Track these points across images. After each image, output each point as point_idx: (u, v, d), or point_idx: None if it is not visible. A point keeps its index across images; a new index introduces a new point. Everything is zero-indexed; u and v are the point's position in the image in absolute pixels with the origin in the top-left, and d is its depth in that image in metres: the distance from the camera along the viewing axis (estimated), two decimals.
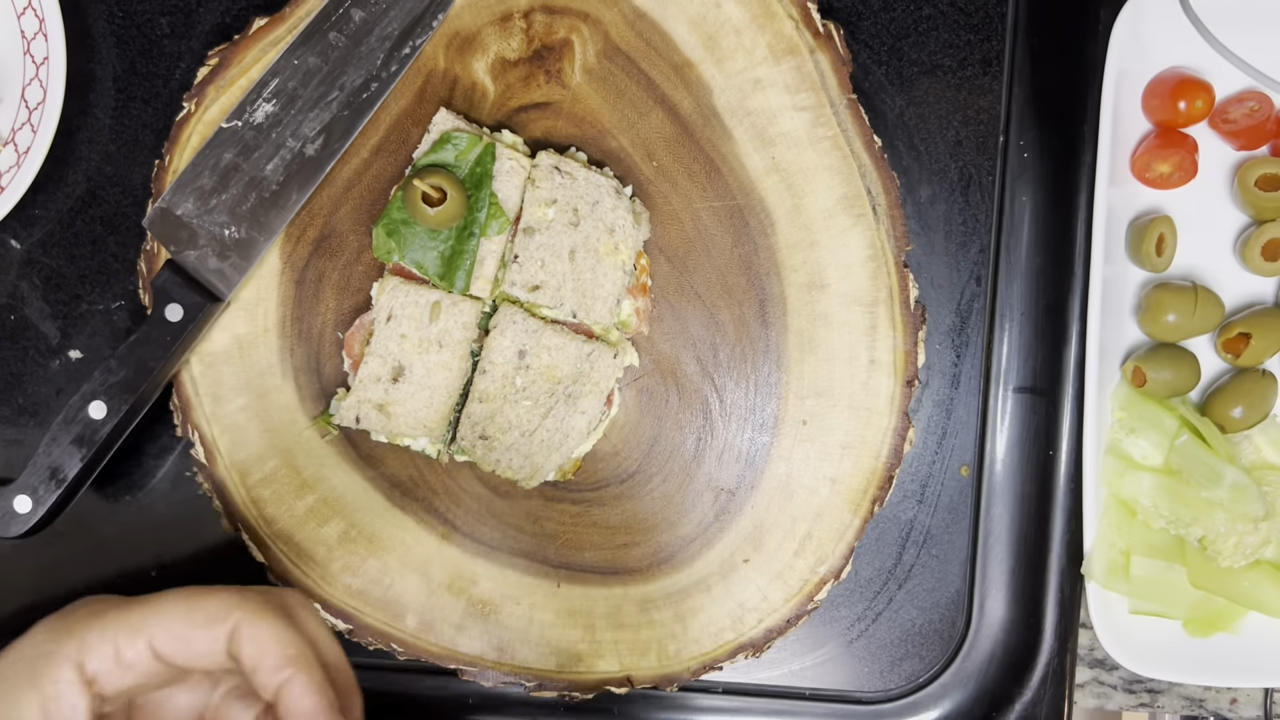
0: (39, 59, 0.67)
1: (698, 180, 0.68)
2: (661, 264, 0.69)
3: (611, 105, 0.68)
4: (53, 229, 0.71)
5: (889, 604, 0.72)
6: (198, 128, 0.67)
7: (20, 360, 0.71)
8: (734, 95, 0.67)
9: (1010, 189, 0.71)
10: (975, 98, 0.71)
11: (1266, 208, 0.69)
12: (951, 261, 0.71)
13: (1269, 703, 0.74)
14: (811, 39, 0.67)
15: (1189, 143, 0.70)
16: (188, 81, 0.69)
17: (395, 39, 0.65)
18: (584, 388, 0.65)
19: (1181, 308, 0.69)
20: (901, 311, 0.68)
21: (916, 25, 0.71)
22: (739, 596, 0.68)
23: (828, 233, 0.68)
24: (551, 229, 0.65)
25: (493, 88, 0.68)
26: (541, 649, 0.68)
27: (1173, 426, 0.70)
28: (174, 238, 0.65)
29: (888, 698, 0.72)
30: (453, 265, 0.65)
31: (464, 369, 0.66)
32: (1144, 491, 0.70)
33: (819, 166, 0.67)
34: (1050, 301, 0.71)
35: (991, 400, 0.71)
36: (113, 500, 0.71)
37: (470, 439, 0.66)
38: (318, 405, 0.68)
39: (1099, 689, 0.75)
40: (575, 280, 0.65)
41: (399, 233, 0.64)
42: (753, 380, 0.69)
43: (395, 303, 0.65)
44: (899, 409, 0.68)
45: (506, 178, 0.65)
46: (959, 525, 0.71)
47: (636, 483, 0.69)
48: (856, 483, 0.68)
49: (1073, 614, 0.71)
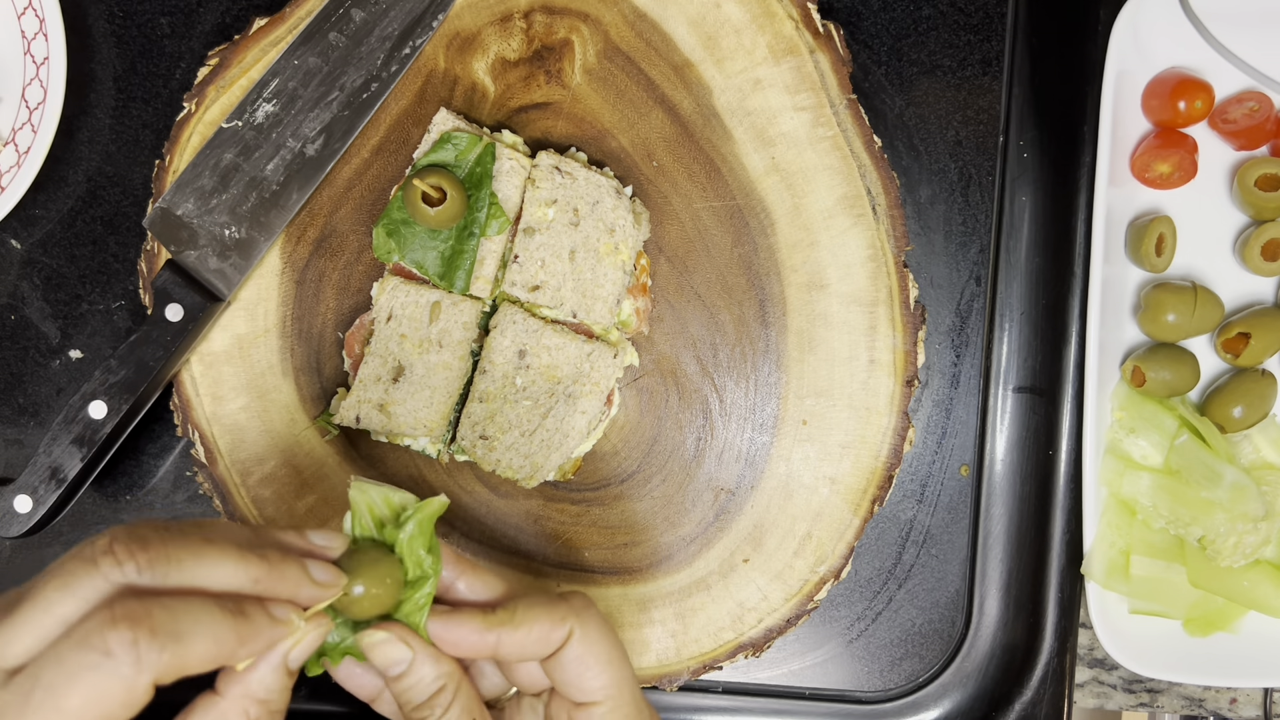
0: (39, 59, 0.67)
1: (698, 180, 0.68)
2: (661, 264, 0.69)
3: (611, 105, 0.68)
4: (53, 229, 0.71)
5: (889, 604, 0.72)
6: (198, 128, 0.67)
7: (20, 360, 0.71)
8: (734, 95, 0.67)
9: (1010, 189, 0.71)
10: (975, 98, 0.71)
11: (1266, 208, 0.69)
12: (951, 261, 0.71)
13: (1269, 703, 0.74)
14: (811, 39, 0.67)
15: (1189, 143, 0.70)
16: (188, 81, 0.69)
17: (395, 39, 0.65)
18: (584, 388, 0.65)
19: (1181, 308, 0.69)
20: (901, 311, 0.68)
21: (916, 25, 0.71)
22: (739, 596, 0.68)
23: (828, 233, 0.68)
24: (551, 229, 0.65)
25: (493, 88, 0.68)
26: None
27: (1172, 426, 0.70)
28: (174, 238, 0.65)
29: (887, 697, 0.72)
30: (453, 265, 0.65)
31: (464, 369, 0.66)
32: (1144, 491, 0.70)
33: (819, 166, 0.67)
34: (1050, 301, 0.71)
35: (991, 400, 0.71)
36: (113, 500, 0.71)
37: (470, 439, 0.66)
38: (318, 405, 0.69)
39: (1099, 689, 0.75)
40: (575, 280, 0.65)
41: (399, 233, 0.64)
42: (753, 380, 0.69)
43: (395, 303, 0.65)
44: (899, 409, 0.68)
45: (506, 178, 0.65)
46: (959, 525, 0.71)
47: (636, 483, 0.69)
48: (856, 482, 0.68)
49: (1073, 614, 0.71)
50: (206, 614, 0.42)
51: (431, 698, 0.48)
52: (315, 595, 0.45)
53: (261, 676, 0.45)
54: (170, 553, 0.43)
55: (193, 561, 0.43)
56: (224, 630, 0.42)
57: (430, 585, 0.48)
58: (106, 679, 0.40)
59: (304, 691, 0.72)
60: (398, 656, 0.48)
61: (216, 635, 0.42)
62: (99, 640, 0.40)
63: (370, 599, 0.47)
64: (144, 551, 0.42)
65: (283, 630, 0.45)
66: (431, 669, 0.48)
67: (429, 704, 0.48)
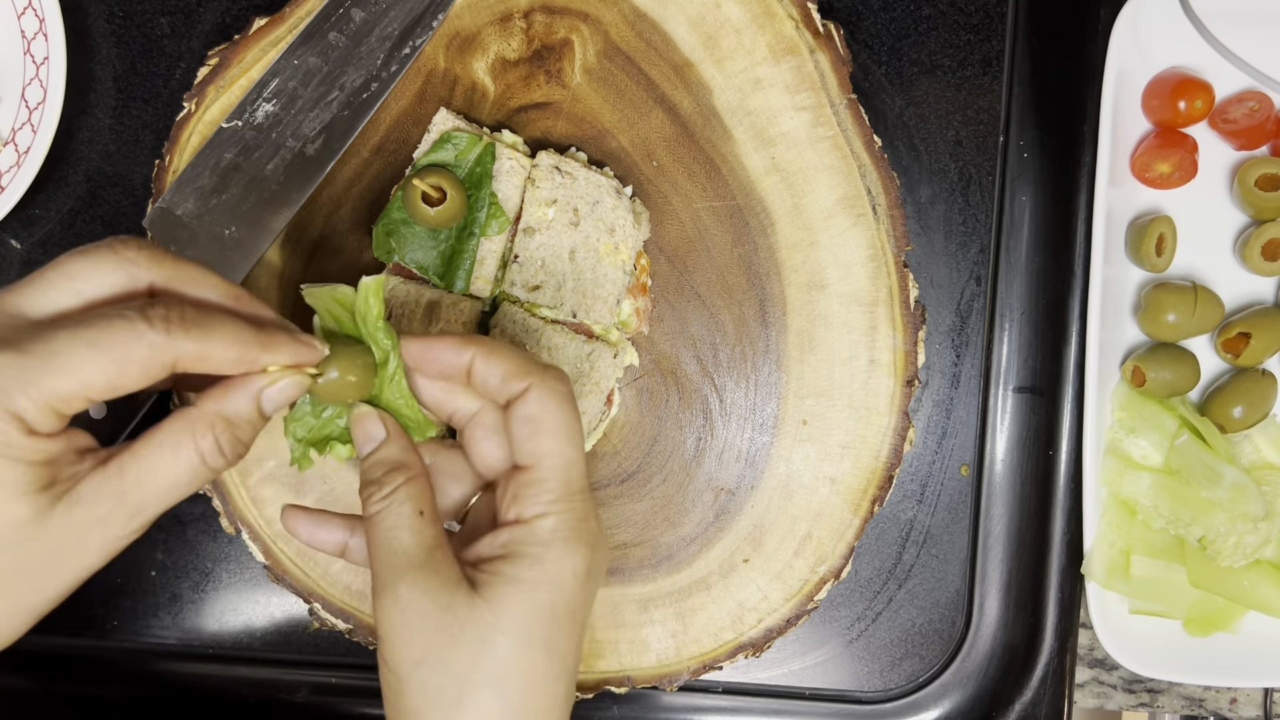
0: (39, 59, 0.67)
1: (698, 180, 0.68)
2: (661, 264, 0.69)
3: (611, 105, 0.68)
4: (53, 229, 0.71)
5: (889, 604, 0.72)
6: (198, 128, 0.67)
7: None
8: (734, 95, 0.67)
9: (1010, 189, 0.71)
10: (975, 98, 0.71)
11: (1266, 208, 0.69)
12: (951, 261, 0.71)
13: (1269, 703, 0.74)
14: (811, 39, 0.67)
15: (1189, 143, 0.70)
16: (188, 81, 0.69)
17: (395, 39, 0.65)
18: (584, 387, 0.65)
19: (1181, 307, 0.69)
20: (901, 311, 0.68)
21: (916, 25, 0.71)
22: (739, 596, 0.68)
23: (828, 233, 0.68)
24: (551, 229, 0.65)
25: (493, 88, 0.68)
26: None
27: (1172, 426, 0.70)
28: (174, 238, 0.65)
29: (888, 698, 0.72)
30: (453, 265, 0.65)
31: None
32: (1144, 491, 0.70)
33: (819, 166, 0.67)
34: (1050, 301, 0.71)
35: (991, 400, 0.71)
36: None
37: None
38: None
39: (1099, 689, 0.75)
40: (575, 280, 0.65)
41: (399, 233, 0.64)
42: (753, 380, 0.69)
43: (395, 302, 0.65)
44: (899, 409, 0.68)
45: (506, 178, 0.65)
46: (959, 525, 0.71)
47: (636, 483, 0.69)
48: (856, 482, 0.68)
49: (1073, 614, 0.71)
50: (231, 320, 0.45)
51: (384, 474, 0.49)
52: (302, 355, 0.48)
53: (236, 400, 0.46)
54: (182, 270, 0.46)
55: (203, 283, 0.46)
56: (246, 334, 0.45)
57: (394, 358, 0.50)
58: (134, 341, 0.42)
59: (303, 693, 0.72)
60: (374, 432, 0.50)
61: (238, 337, 0.45)
62: (133, 312, 0.43)
63: (346, 384, 0.49)
64: (163, 258, 0.46)
65: (304, 350, 0.47)
66: (396, 452, 0.50)
67: (379, 481, 0.49)
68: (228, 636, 0.72)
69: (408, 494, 0.49)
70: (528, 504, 0.48)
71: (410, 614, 0.46)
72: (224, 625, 0.72)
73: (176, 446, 0.45)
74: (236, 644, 0.72)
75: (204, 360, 0.44)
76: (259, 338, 0.46)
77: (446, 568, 0.47)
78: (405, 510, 0.48)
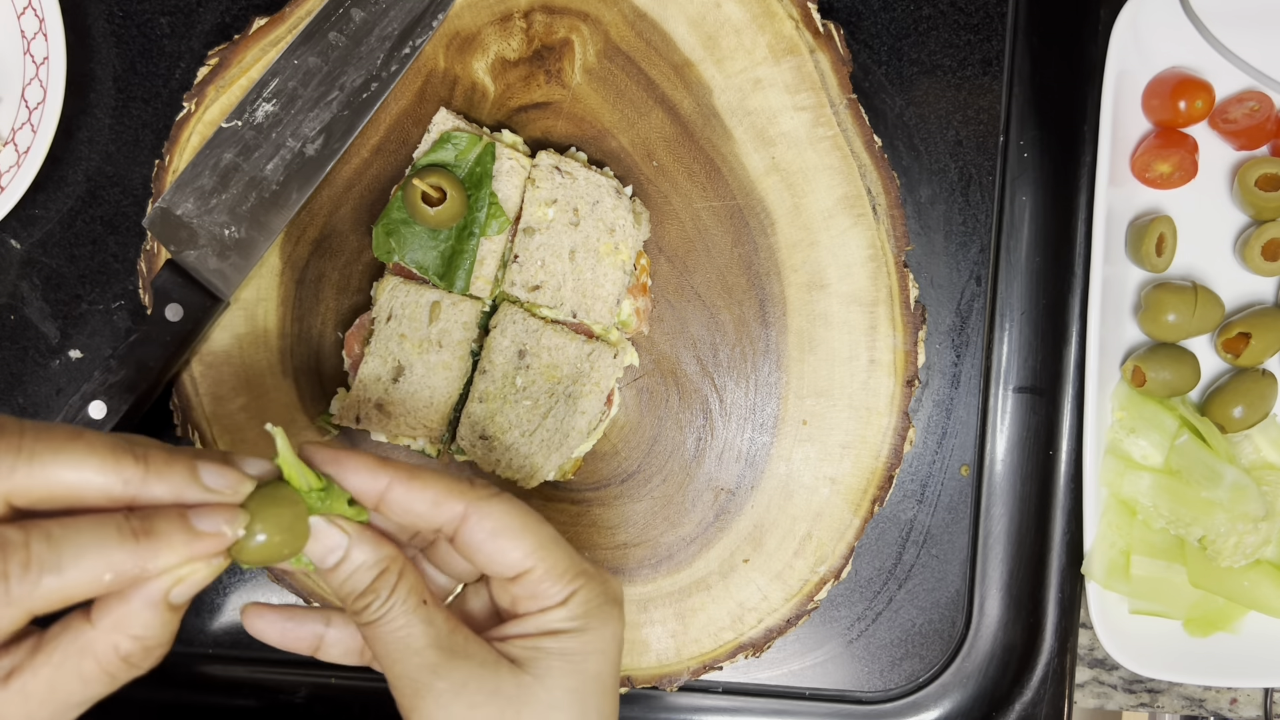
0: (39, 59, 0.67)
1: (698, 180, 0.68)
2: (661, 264, 0.69)
3: (611, 105, 0.68)
4: (53, 229, 0.71)
5: (889, 604, 0.72)
6: (198, 128, 0.67)
7: (20, 360, 0.71)
8: (734, 95, 0.67)
9: (1010, 189, 0.71)
10: (975, 98, 0.71)
11: (1266, 208, 0.69)
12: (951, 261, 0.71)
13: (1269, 703, 0.74)
14: (811, 39, 0.67)
15: (1189, 143, 0.70)
16: (188, 81, 0.69)
17: (395, 39, 0.65)
18: (584, 388, 0.65)
19: (1181, 307, 0.69)
20: (901, 311, 0.68)
21: (916, 25, 0.71)
22: (739, 596, 0.68)
23: (828, 233, 0.68)
24: (551, 229, 0.65)
25: (493, 88, 0.68)
26: None
27: (1173, 426, 0.70)
28: (174, 238, 0.65)
29: (888, 698, 0.72)
30: (453, 265, 0.65)
31: (464, 369, 0.66)
32: (1144, 491, 0.70)
33: (819, 166, 0.67)
34: (1050, 301, 0.71)
35: (991, 400, 0.71)
36: None
37: (470, 439, 0.66)
38: (318, 405, 0.68)
39: (1099, 689, 0.75)
40: (575, 280, 0.65)
41: (399, 232, 0.64)
42: (753, 380, 0.69)
43: (395, 302, 0.65)
44: (899, 409, 0.68)
45: (506, 177, 0.65)
46: (959, 525, 0.71)
47: (636, 483, 0.69)
48: (856, 482, 0.68)
49: (1073, 614, 0.71)
50: (97, 536, 0.37)
51: (374, 583, 0.44)
52: (203, 545, 0.39)
53: (137, 612, 0.39)
54: (25, 444, 0.37)
55: (50, 456, 0.37)
56: (119, 554, 0.37)
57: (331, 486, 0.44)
58: None
59: (303, 693, 0.72)
60: (333, 542, 0.44)
61: (110, 561, 0.37)
62: None
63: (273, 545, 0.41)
64: (11, 457, 0.37)
65: (206, 536, 0.39)
66: (370, 552, 0.44)
67: (372, 589, 0.44)
68: (228, 637, 0.72)
69: (407, 589, 0.45)
70: (545, 596, 0.46)
71: (457, 707, 0.43)
72: (224, 625, 0.72)
73: (78, 670, 0.38)
74: (236, 644, 0.72)
75: (71, 598, 0.37)
76: (139, 546, 0.37)
77: (477, 649, 0.45)
78: (410, 606, 0.44)
